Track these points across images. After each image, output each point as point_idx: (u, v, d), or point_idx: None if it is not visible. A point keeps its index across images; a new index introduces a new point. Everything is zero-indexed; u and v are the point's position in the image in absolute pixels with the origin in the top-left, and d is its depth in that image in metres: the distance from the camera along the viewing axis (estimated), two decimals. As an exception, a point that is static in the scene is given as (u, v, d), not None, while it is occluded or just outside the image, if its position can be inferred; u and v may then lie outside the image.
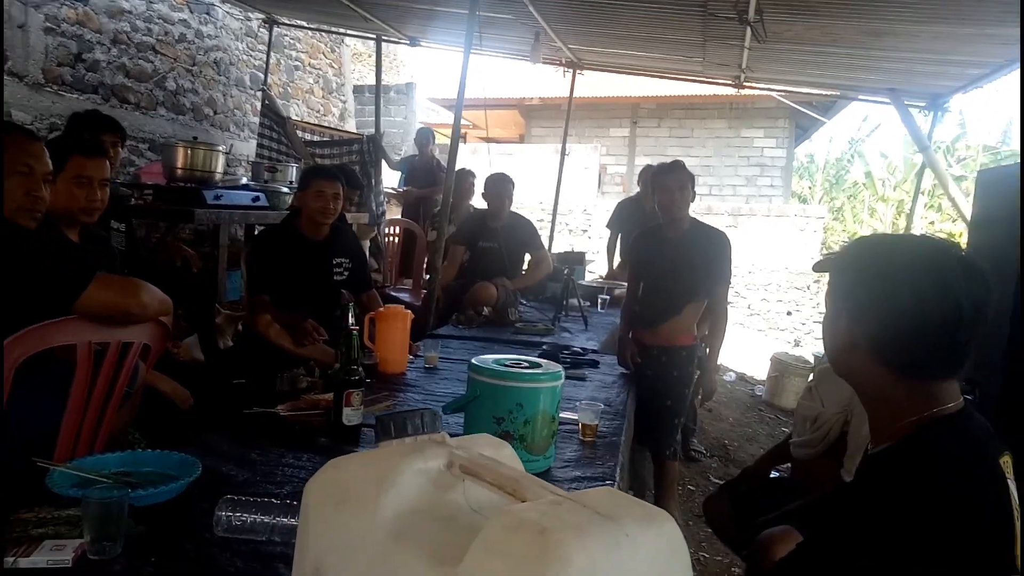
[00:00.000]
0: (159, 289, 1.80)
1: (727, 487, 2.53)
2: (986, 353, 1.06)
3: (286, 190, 4.59)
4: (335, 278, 3.14)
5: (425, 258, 5.57)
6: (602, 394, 2.53)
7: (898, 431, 1.10)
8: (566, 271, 4.14)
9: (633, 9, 4.41)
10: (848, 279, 1.17)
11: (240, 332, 3.52)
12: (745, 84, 6.09)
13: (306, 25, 7.37)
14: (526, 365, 1.75)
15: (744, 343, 7.78)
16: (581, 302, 4.06)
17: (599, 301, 4.50)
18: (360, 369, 1.87)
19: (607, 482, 1.74)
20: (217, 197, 4.07)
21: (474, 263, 4.32)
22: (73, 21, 4.77)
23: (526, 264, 4.55)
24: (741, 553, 2.24)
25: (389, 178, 7.02)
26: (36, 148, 1.77)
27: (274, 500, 1.32)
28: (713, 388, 3.32)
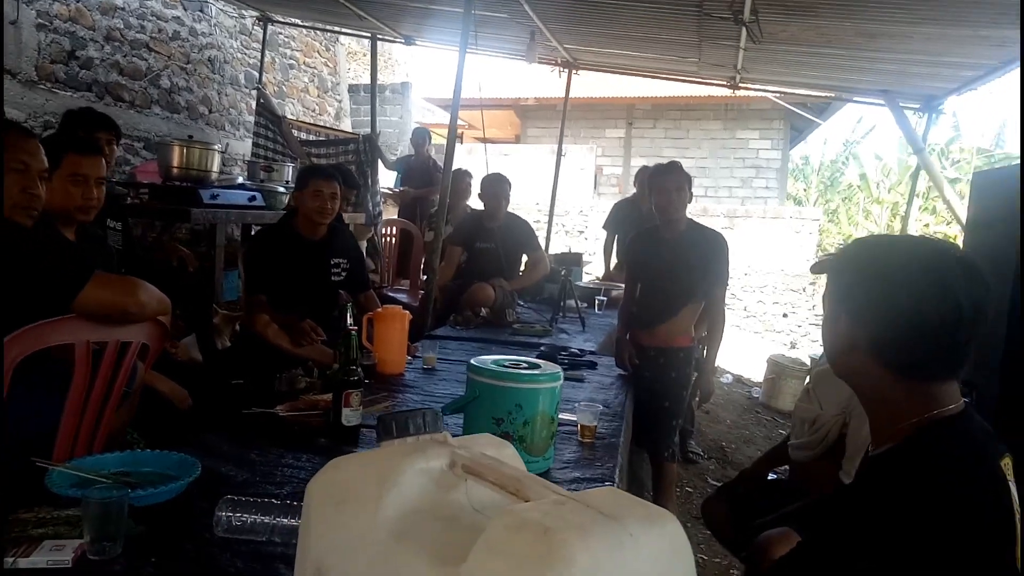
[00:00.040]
0: (157, 288, 1.80)
1: (725, 489, 2.53)
2: (983, 355, 1.06)
3: (282, 189, 4.58)
4: (333, 278, 3.14)
5: (422, 258, 5.57)
6: (600, 395, 2.53)
7: (898, 432, 1.10)
8: (563, 272, 4.14)
9: (629, 9, 4.42)
10: (847, 280, 1.18)
11: (237, 332, 3.51)
12: (740, 85, 6.10)
13: (301, 23, 7.35)
14: (525, 366, 1.75)
15: (741, 345, 7.79)
16: (578, 303, 4.06)
17: (596, 302, 4.50)
18: (359, 369, 1.86)
19: (606, 483, 1.74)
20: (213, 196, 4.06)
21: (471, 264, 4.31)
22: (66, 18, 4.75)
23: (523, 265, 4.55)
24: (740, 555, 2.24)
25: (385, 178, 7.02)
26: (31, 145, 1.76)
27: (274, 500, 1.32)
28: (711, 390, 3.32)
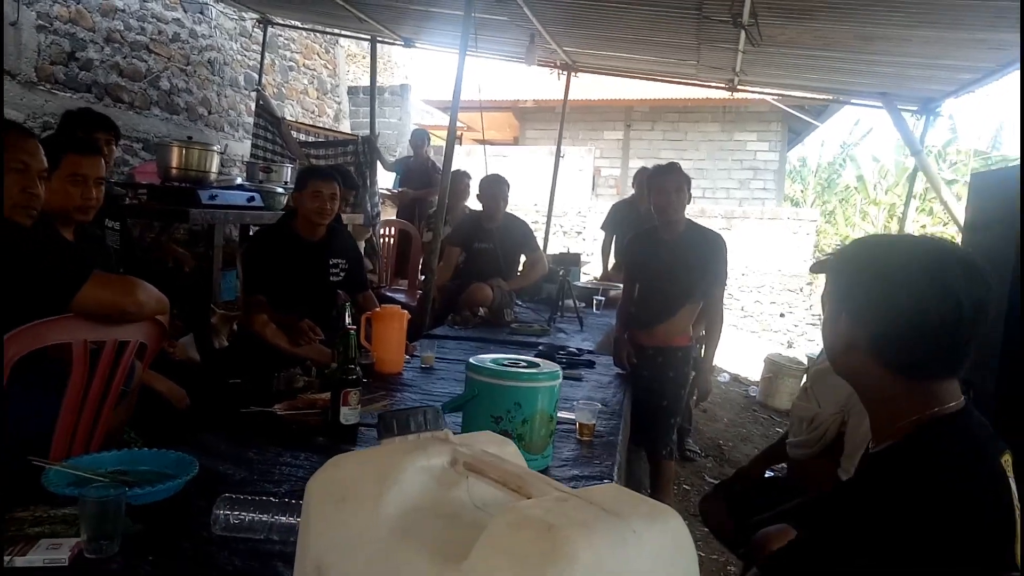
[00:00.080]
0: (155, 288, 1.79)
1: (722, 487, 2.53)
2: (981, 354, 1.07)
3: (281, 190, 4.58)
4: (331, 279, 3.13)
5: (420, 259, 5.57)
6: (598, 394, 2.53)
7: (899, 431, 1.10)
8: (562, 272, 4.14)
9: (628, 12, 4.42)
10: (847, 280, 1.18)
11: (235, 332, 3.51)
12: (739, 87, 6.11)
13: (300, 25, 7.35)
14: (524, 364, 1.75)
15: (738, 344, 7.80)
16: (576, 303, 4.06)
17: (594, 302, 4.50)
18: (358, 368, 1.86)
19: (605, 481, 1.74)
20: (212, 197, 4.05)
21: (470, 264, 4.31)
22: (66, 19, 4.75)
23: (521, 266, 4.55)
24: (737, 552, 2.24)
25: (384, 179, 7.01)
26: (31, 145, 1.76)
27: (272, 499, 1.31)
28: (708, 389, 3.32)
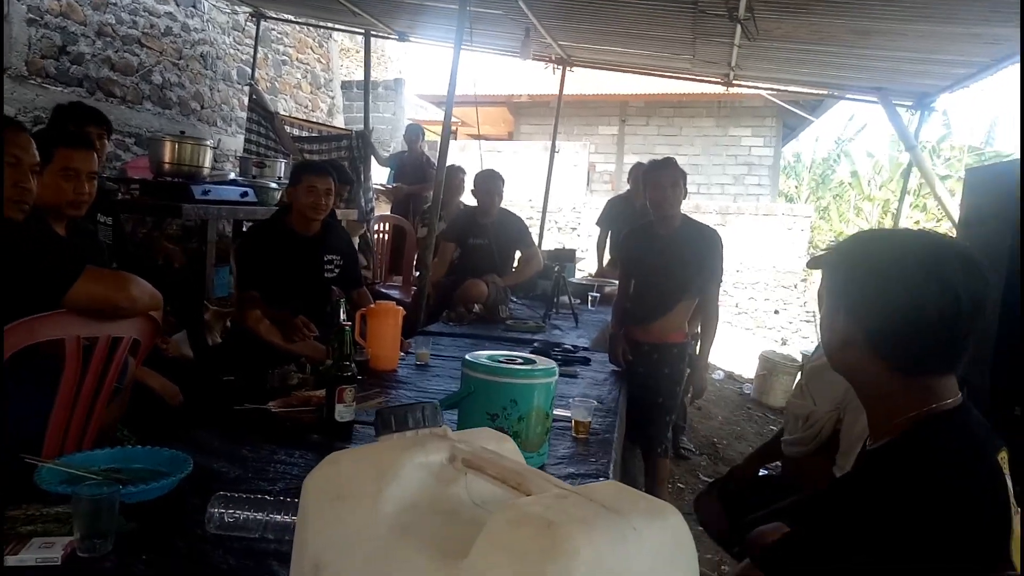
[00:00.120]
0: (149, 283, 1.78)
1: (717, 485, 2.52)
2: (977, 350, 1.07)
3: (275, 185, 4.55)
4: (325, 275, 3.12)
5: (415, 255, 5.56)
6: (594, 391, 2.52)
7: (896, 427, 1.10)
8: (556, 268, 4.13)
9: (624, 5, 4.41)
10: (844, 275, 1.17)
11: (229, 328, 3.49)
12: (734, 82, 6.10)
13: (293, 19, 7.32)
14: (520, 361, 1.74)
15: (732, 342, 7.81)
16: (572, 299, 4.05)
17: (589, 299, 4.50)
18: (353, 365, 1.85)
19: (600, 478, 1.73)
20: (205, 192, 4.03)
21: (464, 260, 4.30)
22: (56, 12, 4.70)
23: (516, 261, 4.55)
24: (732, 550, 2.24)
25: (378, 174, 6.99)
26: (23, 139, 1.74)
27: (267, 497, 1.30)
28: (704, 386, 3.32)
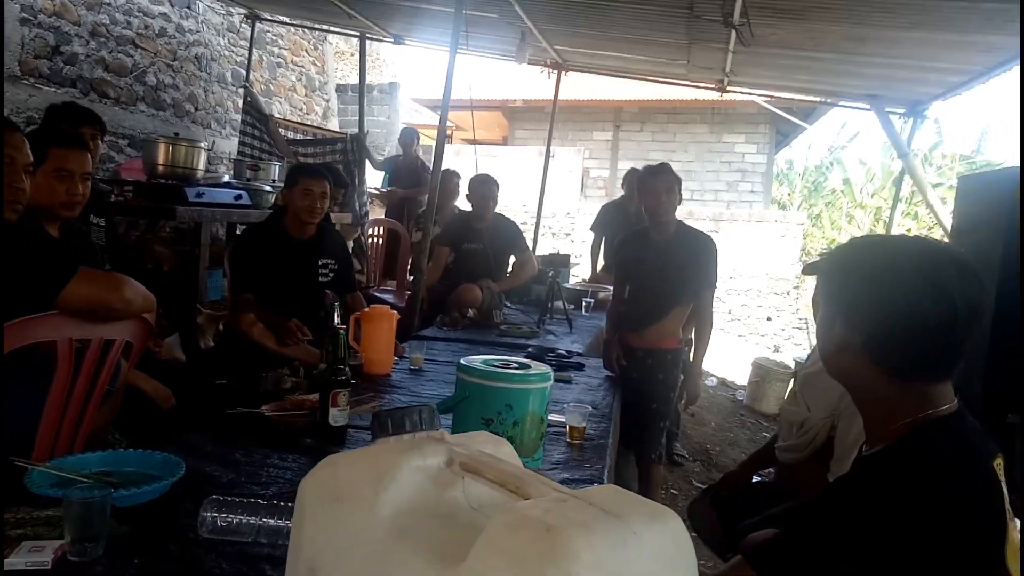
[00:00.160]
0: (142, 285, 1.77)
1: (710, 491, 2.52)
2: (968, 358, 1.07)
3: (269, 188, 4.54)
4: (320, 279, 3.11)
5: (409, 259, 5.55)
6: (588, 397, 2.52)
7: (892, 433, 1.10)
8: (551, 274, 4.13)
9: (619, 10, 4.42)
10: (840, 281, 1.17)
11: (222, 332, 3.47)
12: (728, 88, 6.13)
13: (289, 21, 7.31)
14: (515, 366, 1.74)
15: (725, 348, 7.83)
16: (566, 305, 4.05)
17: (583, 304, 4.49)
18: (347, 369, 1.84)
19: (595, 484, 1.73)
20: (199, 195, 4.01)
21: (459, 264, 4.29)
22: (50, 12, 4.68)
23: (511, 266, 4.54)
24: (725, 557, 2.23)
25: (372, 178, 6.97)
26: (16, 139, 1.73)
27: (260, 501, 1.29)
28: (697, 392, 3.32)
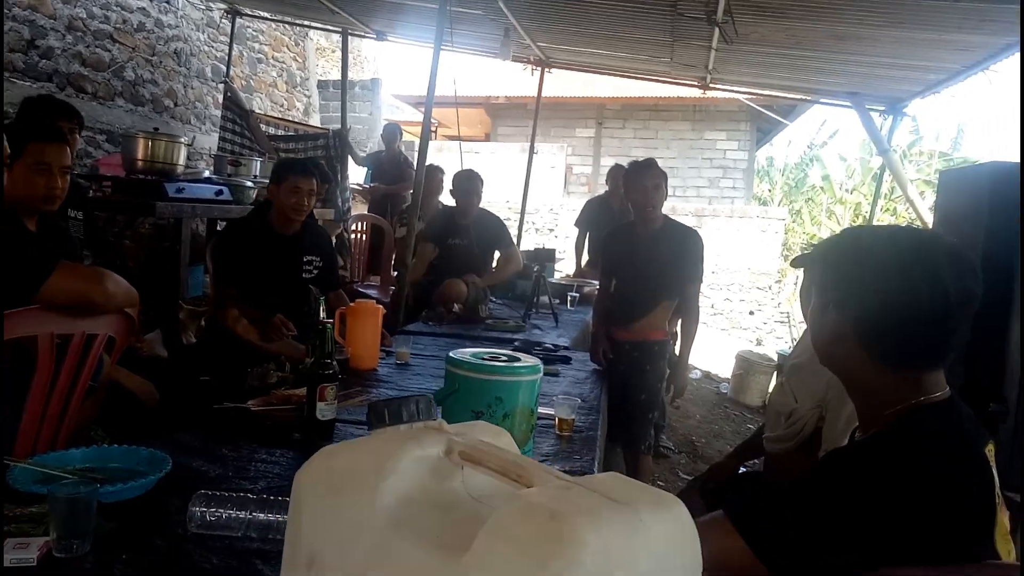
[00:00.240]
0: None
1: (697, 482, 2.53)
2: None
3: (250, 184, 4.50)
4: (304, 275, 3.08)
5: (393, 255, 5.52)
6: (575, 389, 2.52)
7: (884, 419, 1.10)
8: (536, 268, 4.12)
9: (603, 8, 4.42)
10: (833, 271, 1.18)
11: (204, 328, 3.43)
12: (711, 86, 6.16)
13: (269, 17, 7.23)
14: (505, 359, 1.73)
15: (708, 342, 7.88)
16: (551, 299, 4.05)
17: (569, 299, 4.50)
18: (334, 363, 1.82)
19: (586, 475, 1.72)
20: (179, 190, 3.96)
21: (443, 260, 4.27)
22: (25, 5, 4.60)
23: (496, 261, 4.53)
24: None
25: (355, 174, 6.93)
26: None
27: (250, 495, 1.28)
28: (684, 385, 3.34)
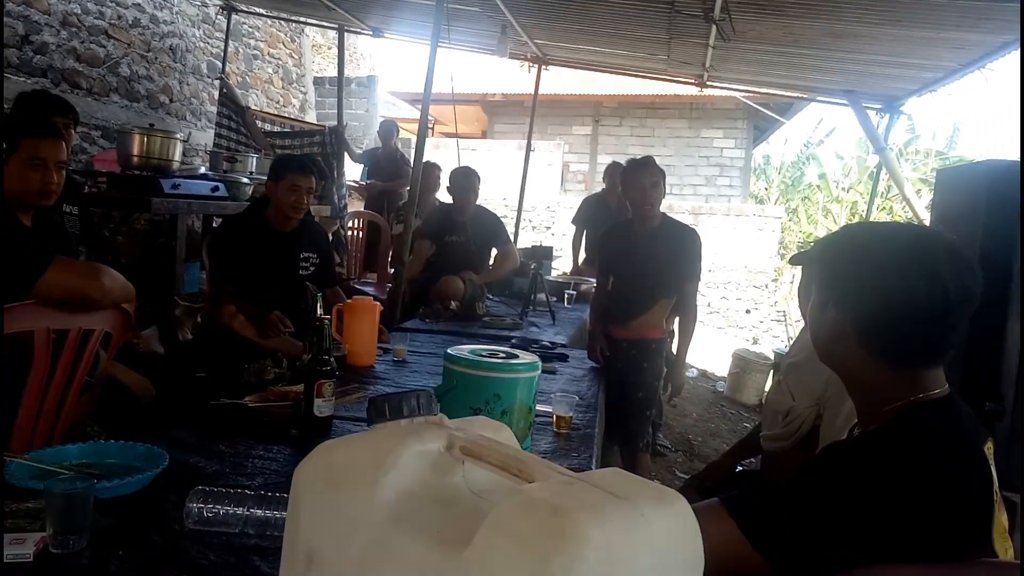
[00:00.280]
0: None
1: (695, 480, 2.53)
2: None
3: (246, 180, 4.49)
4: (300, 272, 3.07)
5: (390, 252, 5.51)
6: (573, 387, 2.52)
7: (884, 416, 1.10)
8: (533, 266, 4.12)
9: (600, 5, 4.42)
10: (832, 268, 1.17)
11: (200, 324, 3.42)
12: (708, 83, 6.16)
13: (265, 13, 7.21)
14: (503, 356, 1.73)
15: (704, 340, 7.88)
16: (548, 297, 4.04)
17: (566, 296, 4.50)
18: (332, 360, 1.82)
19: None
20: (175, 186, 3.95)
21: (440, 257, 4.27)
22: (19, 1, 4.57)
23: (492, 259, 4.52)
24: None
25: (351, 171, 6.92)
26: None
27: (247, 491, 1.27)
28: (681, 383, 3.34)
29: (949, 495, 0.99)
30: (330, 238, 5.32)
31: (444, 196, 4.76)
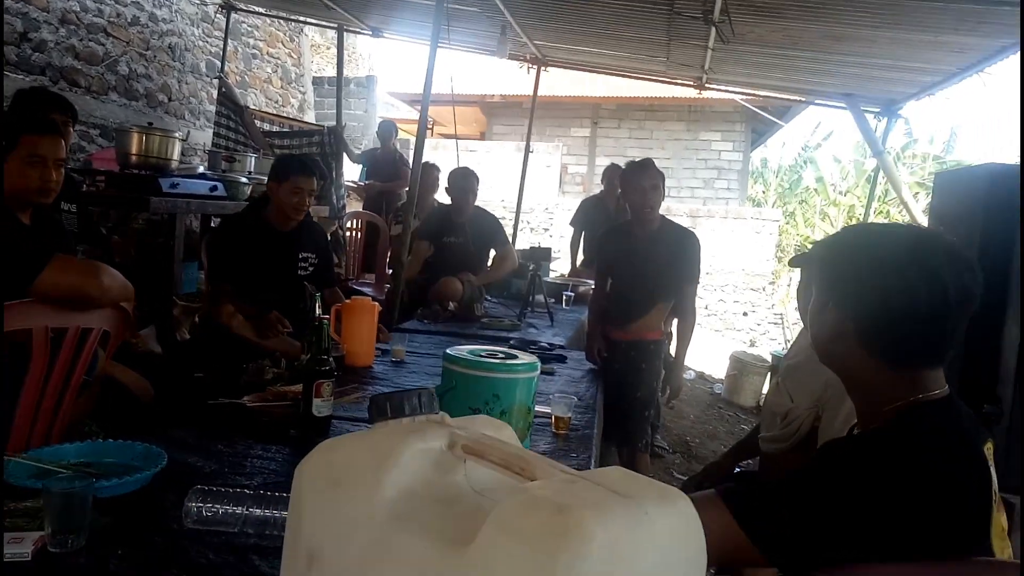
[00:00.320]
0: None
1: (693, 481, 2.53)
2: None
3: (245, 180, 4.48)
4: (299, 272, 3.07)
5: (388, 252, 5.50)
6: (571, 388, 2.52)
7: (884, 416, 1.10)
8: (532, 267, 4.12)
9: (600, 6, 4.42)
10: (833, 269, 1.18)
11: (198, 324, 3.41)
12: (707, 86, 6.17)
13: (264, 12, 7.21)
14: (502, 356, 1.73)
15: (702, 342, 7.89)
16: (547, 298, 4.04)
17: (564, 298, 4.50)
18: (330, 360, 1.81)
19: (583, 474, 1.72)
20: (173, 185, 3.94)
21: (439, 258, 4.26)
22: (18, -2, 4.57)
23: (491, 260, 4.52)
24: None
25: (349, 171, 6.92)
26: None
27: (246, 491, 1.27)
28: (680, 385, 3.34)
29: (948, 495, 1.00)
30: (328, 238, 5.33)
31: (443, 197, 4.76)
